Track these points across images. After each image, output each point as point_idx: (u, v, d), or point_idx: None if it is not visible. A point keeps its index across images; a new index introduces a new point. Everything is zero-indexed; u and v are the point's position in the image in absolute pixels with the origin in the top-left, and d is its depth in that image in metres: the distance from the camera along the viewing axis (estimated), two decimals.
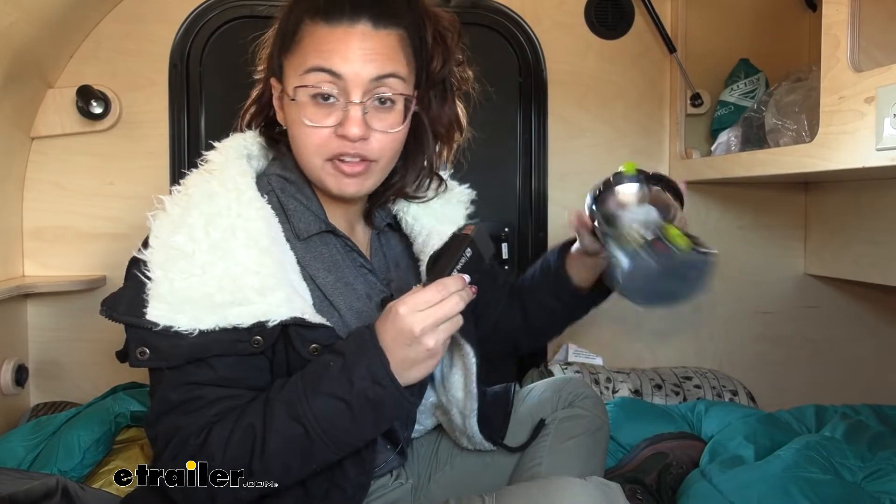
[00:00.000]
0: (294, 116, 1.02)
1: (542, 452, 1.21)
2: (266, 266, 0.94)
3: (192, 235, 0.94)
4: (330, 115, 1.00)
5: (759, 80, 2.03)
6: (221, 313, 0.91)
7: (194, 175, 1.02)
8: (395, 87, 1.01)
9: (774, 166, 1.58)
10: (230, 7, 1.94)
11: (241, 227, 0.95)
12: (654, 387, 1.96)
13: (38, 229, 1.89)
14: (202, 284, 0.91)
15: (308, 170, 1.05)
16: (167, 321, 0.90)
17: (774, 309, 2.24)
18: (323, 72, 0.98)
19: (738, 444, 1.57)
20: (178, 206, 0.97)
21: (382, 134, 1.02)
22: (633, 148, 2.14)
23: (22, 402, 1.85)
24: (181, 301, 0.91)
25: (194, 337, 0.91)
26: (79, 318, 1.90)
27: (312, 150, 1.02)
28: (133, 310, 0.92)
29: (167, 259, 0.93)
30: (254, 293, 0.92)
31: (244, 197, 0.98)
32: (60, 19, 1.70)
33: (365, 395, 0.89)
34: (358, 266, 1.11)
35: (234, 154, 1.05)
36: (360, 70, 0.98)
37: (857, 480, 1.44)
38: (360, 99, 0.98)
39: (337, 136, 1.00)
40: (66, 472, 1.44)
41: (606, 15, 2.11)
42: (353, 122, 0.98)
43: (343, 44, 0.98)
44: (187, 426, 0.92)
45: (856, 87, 1.23)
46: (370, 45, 0.99)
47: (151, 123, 1.92)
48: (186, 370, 0.93)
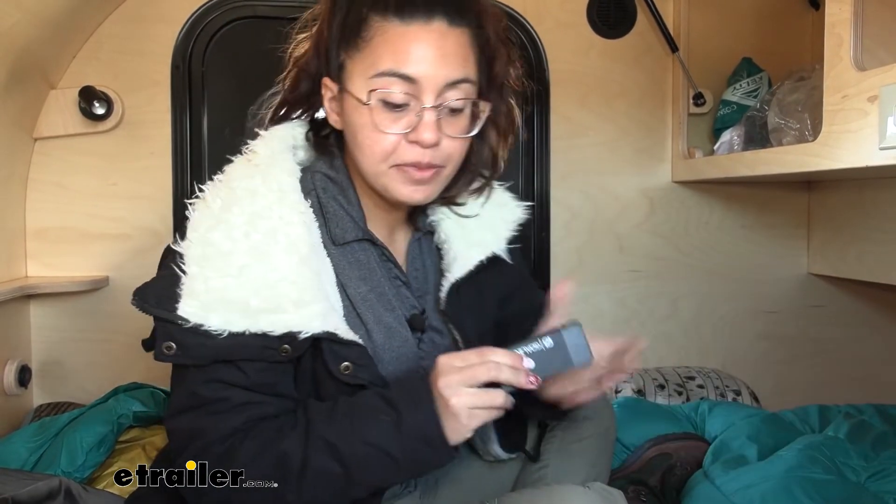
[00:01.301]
0: (360, 120, 0.96)
1: (549, 454, 1.20)
2: (304, 276, 0.92)
3: (230, 234, 0.91)
4: (400, 120, 0.94)
5: (762, 78, 2.02)
6: (254, 318, 0.89)
7: (237, 165, 0.99)
8: (467, 93, 0.96)
9: (777, 165, 1.57)
10: (232, 7, 1.94)
11: (282, 232, 0.92)
12: (657, 387, 1.96)
13: (41, 230, 1.89)
14: (238, 287, 0.89)
15: (372, 175, 0.99)
16: (198, 319, 0.88)
17: (778, 308, 2.23)
18: (398, 77, 0.92)
19: (742, 444, 1.57)
20: (220, 199, 0.94)
21: (452, 140, 0.97)
22: (635, 147, 2.14)
23: (25, 403, 1.86)
24: (215, 301, 0.88)
25: (223, 338, 0.88)
26: (82, 318, 1.90)
27: (381, 156, 0.96)
28: (164, 303, 0.89)
29: (203, 256, 0.90)
30: (290, 303, 0.90)
31: (288, 199, 0.95)
32: (63, 20, 1.70)
33: (414, 456, 0.87)
34: (393, 278, 1.07)
35: (280, 146, 1.01)
36: (436, 74, 0.93)
37: (861, 480, 1.44)
38: (433, 103, 0.93)
39: (408, 142, 0.95)
40: (69, 473, 1.44)
41: (609, 14, 2.10)
42: (428, 127, 0.93)
43: (419, 44, 0.92)
44: (211, 430, 0.90)
45: (859, 85, 1.22)
46: (446, 46, 0.93)
47: (154, 124, 1.92)
48: (213, 369, 0.91)
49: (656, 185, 2.16)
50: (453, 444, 0.88)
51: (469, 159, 1.07)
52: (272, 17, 1.89)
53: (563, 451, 1.20)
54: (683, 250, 2.18)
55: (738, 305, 2.21)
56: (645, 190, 2.16)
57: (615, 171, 2.14)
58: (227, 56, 1.94)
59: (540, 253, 2.11)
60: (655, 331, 2.18)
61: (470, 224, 1.13)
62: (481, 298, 1.14)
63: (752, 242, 2.21)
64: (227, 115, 1.94)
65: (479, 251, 1.11)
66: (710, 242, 2.19)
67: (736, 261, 2.20)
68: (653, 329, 2.18)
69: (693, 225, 2.19)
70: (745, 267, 2.20)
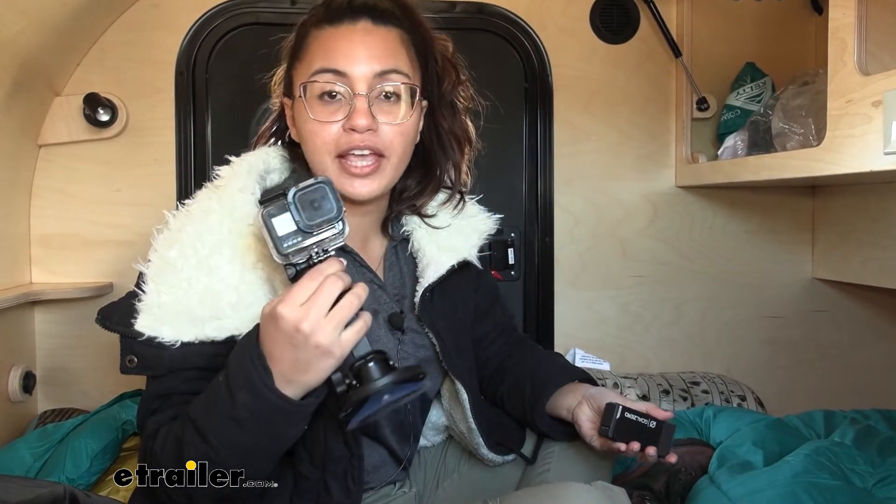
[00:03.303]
0: (302, 118, 1.04)
1: (550, 458, 1.21)
2: (249, 283, 0.96)
3: (182, 251, 0.96)
4: (337, 112, 1.02)
5: (766, 83, 2.02)
6: (200, 326, 0.94)
7: (202, 190, 1.04)
8: (399, 82, 1.04)
9: (781, 170, 1.57)
10: (235, 14, 1.95)
11: (228, 244, 0.97)
12: (661, 392, 1.95)
13: (46, 236, 1.90)
14: (186, 298, 0.94)
15: (320, 171, 1.04)
16: (152, 332, 0.94)
17: (782, 313, 2.23)
18: (329, 72, 1.01)
19: (747, 449, 1.56)
20: (179, 221, 1.00)
21: (390, 126, 1.03)
22: (639, 152, 2.14)
23: (29, 409, 1.86)
24: (166, 314, 0.94)
25: (176, 348, 0.95)
26: (86, 324, 1.90)
27: (322, 147, 1.02)
28: (123, 320, 0.97)
29: (159, 273, 0.96)
30: (229, 308, 0.95)
31: (238, 213, 0.99)
32: (67, 27, 1.71)
33: (248, 408, 0.84)
34: (367, 282, 1.08)
35: (245, 169, 1.05)
36: (364, 65, 1.01)
37: (868, 486, 1.43)
38: (364, 92, 1.01)
39: (345, 130, 1.01)
40: (74, 479, 1.44)
41: (612, 19, 2.11)
42: (360, 113, 1.00)
43: (346, 41, 1.02)
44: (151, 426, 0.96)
45: (863, 90, 1.22)
46: (372, 41, 1.03)
47: (158, 131, 1.93)
48: (168, 379, 0.97)
49: (660, 191, 2.16)
50: (316, 385, 0.86)
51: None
52: (276, 24, 1.89)
53: (565, 455, 1.21)
54: (687, 255, 2.18)
55: (743, 310, 2.21)
56: (648, 195, 2.16)
57: (619, 177, 2.14)
58: (231, 63, 1.95)
59: (544, 258, 2.11)
60: (659, 336, 2.18)
61: (441, 232, 1.19)
62: (454, 302, 1.20)
63: (756, 247, 2.21)
64: (231, 122, 1.94)
65: (450, 256, 1.17)
66: (713, 247, 2.19)
67: (740, 266, 2.19)
68: (657, 334, 2.18)
69: (697, 230, 2.18)
70: (750, 272, 2.20)
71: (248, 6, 1.95)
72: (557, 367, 1.28)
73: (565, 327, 2.13)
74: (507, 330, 1.36)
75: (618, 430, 1.08)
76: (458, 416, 1.22)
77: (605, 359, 2.09)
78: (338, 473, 1.00)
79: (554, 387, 1.21)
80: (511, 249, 2.09)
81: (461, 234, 1.21)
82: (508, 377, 1.29)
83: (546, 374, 1.24)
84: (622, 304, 2.17)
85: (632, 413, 1.08)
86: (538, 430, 1.23)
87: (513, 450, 1.23)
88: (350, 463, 1.01)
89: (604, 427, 1.09)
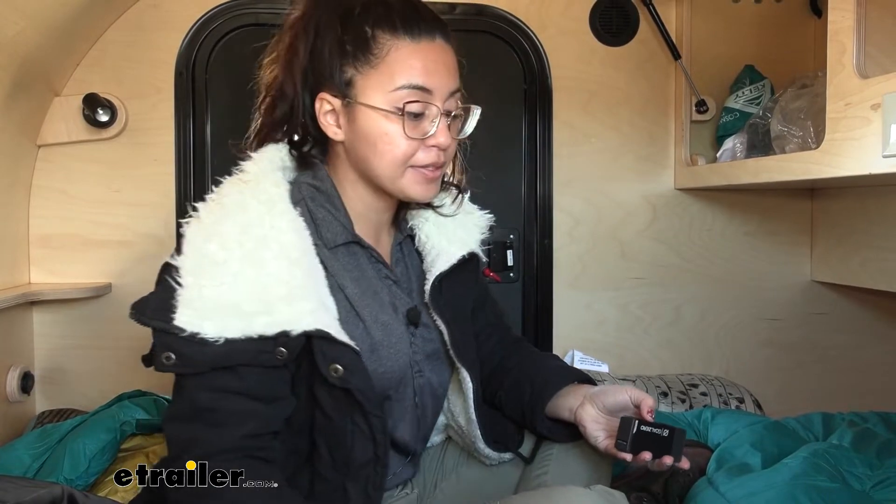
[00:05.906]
0: (381, 129, 1.03)
1: (549, 460, 1.21)
2: (295, 277, 0.96)
3: (224, 244, 0.94)
4: (418, 127, 1.03)
5: (765, 86, 2.02)
6: (248, 322, 0.92)
7: (228, 184, 1.03)
8: (460, 100, 1.08)
9: (780, 173, 1.57)
10: (235, 15, 1.95)
11: (273, 238, 0.96)
12: (660, 394, 1.95)
13: (45, 237, 1.89)
14: (231, 292, 0.92)
15: (388, 178, 1.06)
16: (194, 327, 0.91)
17: (781, 315, 2.23)
18: (416, 89, 1.01)
19: (746, 451, 1.56)
20: (213, 214, 0.98)
21: (453, 141, 1.09)
22: (638, 154, 2.14)
23: (28, 410, 1.86)
24: (209, 308, 0.91)
25: (220, 345, 0.91)
26: (85, 325, 1.91)
27: (402, 160, 1.04)
28: (161, 314, 0.92)
29: (199, 266, 0.93)
30: (280, 302, 0.93)
31: (276, 209, 0.99)
32: (67, 27, 1.71)
33: None
34: (383, 277, 1.12)
35: (269, 166, 1.05)
36: (444, 84, 1.04)
37: (866, 489, 1.43)
38: (444, 110, 1.04)
39: (427, 146, 1.04)
40: (72, 480, 1.44)
41: (611, 21, 2.11)
42: (444, 132, 1.04)
43: (433, 61, 1.03)
44: (209, 441, 0.93)
45: (862, 93, 1.22)
46: (448, 60, 1.06)
47: (157, 131, 1.93)
48: (211, 376, 0.93)
49: (659, 192, 2.16)
50: None
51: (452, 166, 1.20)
52: (276, 25, 1.89)
53: (564, 457, 1.21)
54: (686, 257, 2.18)
55: (741, 312, 2.21)
56: (648, 197, 2.16)
57: (618, 178, 2.14)
58: (231, 63, 1.95)
59: (543, 260, 2.11)
60: (658, 338, 2.18)
61: (448, 224, 1.21)
62: (459, 294, 1.21)
63: (755, 249, 2.21)
64: (231, 123, 1.94)
65: (459, 247, 1.20)
66: (712, 249, 2.19)
67: (739, 268, 2.20)
68: (655, 336, 2.18)
69: (696, 232, 2.18)
70: (748, 274, 2.20)
71: (248, 7, 1.96)
72: (556, 369, 1.28)
73: (564, 329, 2.13)
74: (499, 327, 1.36)
75: (635, 445, 1.08)
76: (458, 409, 1.22)
77: (604, 360, 2.09)
78: (359, 479, 1.01)
79: (554, 389, 1.21)
80: (510, 251, 2.09)
81: (464, 228, 1.24)
82: (507, 380, 1.29)
83: (545, 377, 1.24)
84: (621, 305, 2.17)
85: (647, 425, 1.09)
86: (539, 433, 1.23)
87: (510, 449, 1.23)
88: (374, 469, 1.01)
89: (621, 442, 1.09)
